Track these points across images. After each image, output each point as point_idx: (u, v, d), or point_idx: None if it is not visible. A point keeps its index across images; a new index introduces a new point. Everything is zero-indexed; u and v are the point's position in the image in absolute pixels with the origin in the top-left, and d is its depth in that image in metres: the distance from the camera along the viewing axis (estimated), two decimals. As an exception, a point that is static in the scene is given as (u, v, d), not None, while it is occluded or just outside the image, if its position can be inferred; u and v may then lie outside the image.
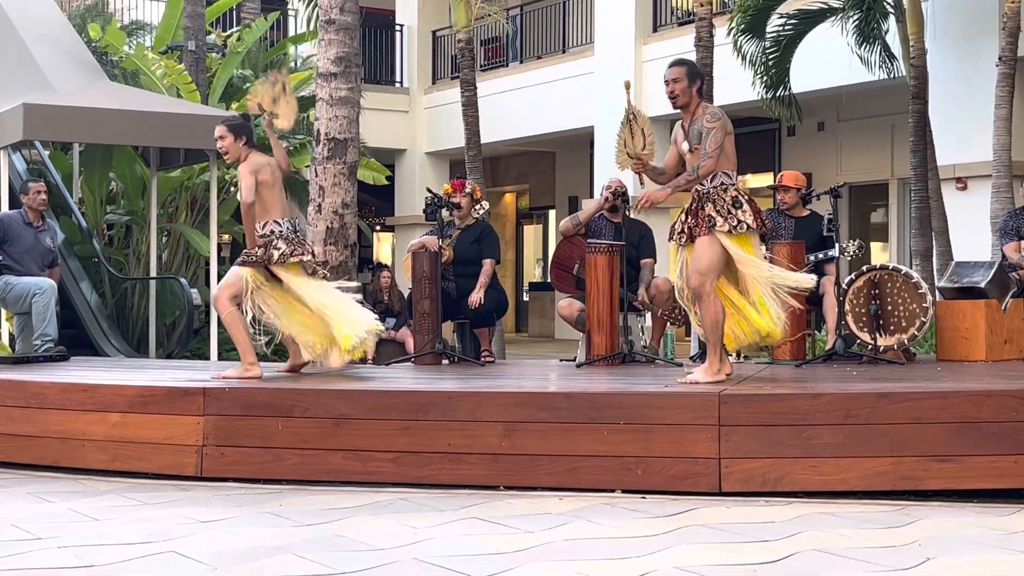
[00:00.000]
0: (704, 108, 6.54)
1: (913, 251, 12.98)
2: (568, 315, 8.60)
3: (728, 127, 6.48)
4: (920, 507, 5.41)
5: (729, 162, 6.50)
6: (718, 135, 6.40)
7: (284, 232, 7.24)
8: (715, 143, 6.39)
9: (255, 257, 7.19)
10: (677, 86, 6.55)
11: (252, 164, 7.15)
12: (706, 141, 6.41)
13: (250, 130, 7.32)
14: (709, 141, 6.40)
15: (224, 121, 7.43)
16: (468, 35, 14.74)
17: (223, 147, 7.26)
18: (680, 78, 6.55)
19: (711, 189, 6.44)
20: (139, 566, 4.33)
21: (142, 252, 13.83)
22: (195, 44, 15.63)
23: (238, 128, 7.26)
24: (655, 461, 5.82)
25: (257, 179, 7.12)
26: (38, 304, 9.05)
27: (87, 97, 12.11)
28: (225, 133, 7.24)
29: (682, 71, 6.57)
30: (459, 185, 8.85)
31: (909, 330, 7.77)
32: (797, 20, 13.60)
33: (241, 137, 7.22)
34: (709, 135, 6.41)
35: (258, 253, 7.18)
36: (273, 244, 7.18)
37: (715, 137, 6.39)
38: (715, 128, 6.41)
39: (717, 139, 6.39)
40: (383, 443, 6.18)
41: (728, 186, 6.46)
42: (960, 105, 13.89)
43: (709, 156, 6.39)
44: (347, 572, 4.22)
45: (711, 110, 6.52)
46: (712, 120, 6.44)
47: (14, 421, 6.91)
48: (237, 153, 7.22)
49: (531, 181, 24.72)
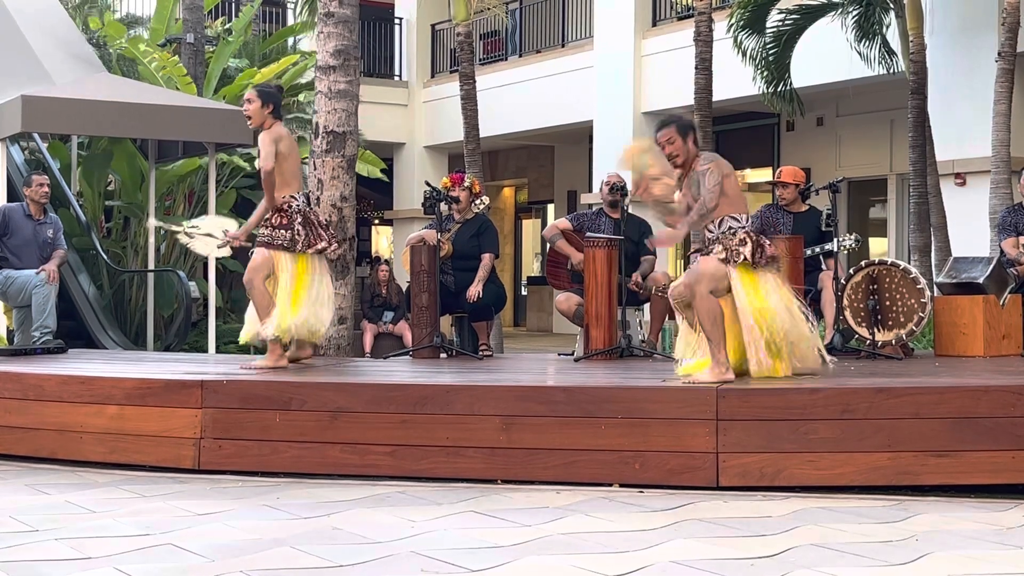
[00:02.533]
0: (698, 159, 6.44)
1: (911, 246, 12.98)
2: (566, 309, 8.60)
3: (725, 168, 6.37)
4: (917, 502, 5.41)
5: (732, 205, 6.39)
6: (714, 175, 6.28)
7: (302, 207, 7.30)
8: (713, 180, 6.28)
9: (283, 242, 7.22)
10: (672, 147, 6.42)
11: (274, 133, 7.23)
12: (703, 183, 6.31)
13: (279, 100, 7.41)
14: (708, 178, 6.29)
15: (256, 86, 7.57)
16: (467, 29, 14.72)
17: (249, 111, 7.32)
18: (673, 137, 6.42)
19: (719, 236, 6.38)
20: (136, 558, 4.33)
21: (140, 244, 13.82)
22: (193, 36, 15.61)
23: (267, 95, 7.34)
24: (653, 455, 5.82)
25: (277, 148, 7.18)
26: (38, 296, 9.05)
27: (85, 89, 12.09)
28: (254, 97, 7.32)
29: (672, 131, 6.44)
30: (458, 179, 8.85)
31: (907, 325, 7.78)
32: (797, 15, 13.59)
33: (268, 105, 7.30)
34: (705, 176, 6.30)
35: (286, 236, 7.21)
36: (295, 229, 7.21)
37: (712, 176, 6.28)
38: (709, 169, 6.30)
39: (715, 177, 6.28)
40: (381, 436, 6.18)
41: (736, 229, 6.36)
42: (959, 101, 13.89)
43: (711, 191, 6.27)
44: (344, 565, 4.22)
45: (704, 156, 6.43)
46: (705, 163, 6.35)
47: (12, 413, 6.91)
48: (261, 120, 7.29)
49: (530, 175, 24.71)
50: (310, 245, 7.25)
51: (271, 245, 7.25)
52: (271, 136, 7.20)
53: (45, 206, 9.60)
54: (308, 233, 7.26)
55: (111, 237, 14.23)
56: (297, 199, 7.31)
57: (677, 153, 6.44)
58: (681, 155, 6.44)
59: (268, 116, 7.28)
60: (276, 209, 7.26)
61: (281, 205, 7.26)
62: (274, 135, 7.22)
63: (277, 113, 7.34)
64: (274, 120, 7.30)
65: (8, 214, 9.41)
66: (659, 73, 18.13)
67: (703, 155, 6.46)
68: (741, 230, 6.36)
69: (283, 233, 7.22)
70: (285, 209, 7.25)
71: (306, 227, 7.26)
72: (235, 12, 21.01)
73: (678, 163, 6.46)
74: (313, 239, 7.27)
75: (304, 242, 7.23)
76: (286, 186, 7.28)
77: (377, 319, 13.35)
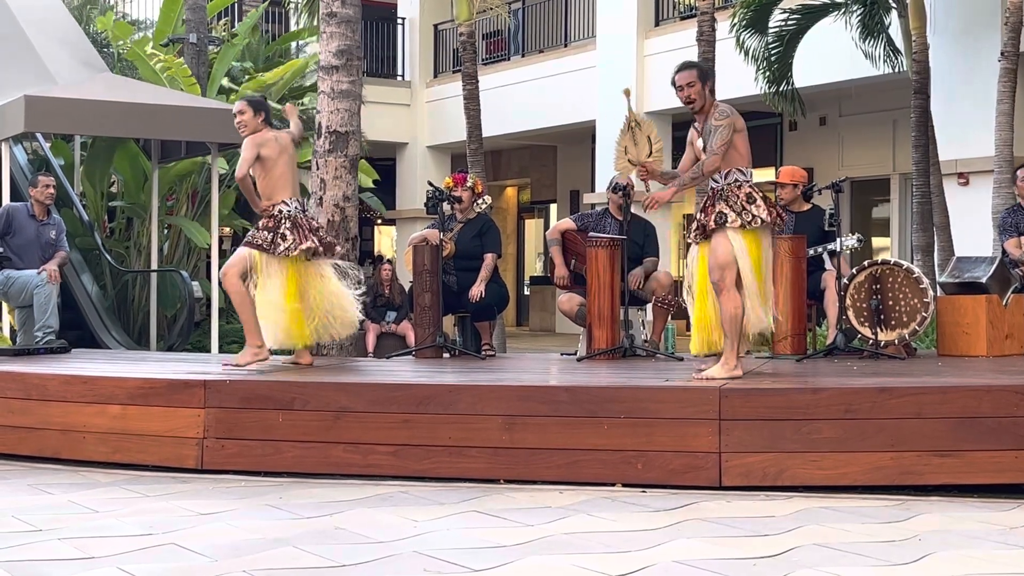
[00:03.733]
0: (715, 107, 6.49)
1: (914, 246, 12.98)
2: (568, 310, 8.60)
3: (738, 124, 6.43)
4: (920, 502, 5.41)
5: (743, 158, 6.45)
6: (725, 132, 6.36)
7: (292, 212, 7.28)
8: (721, 139, 6.35)
9: (261, 242, 7.21)
10: (692, 90, 6.48)
11: (258, 138, 7.26)
12: (712, 138, 6.38)
13: (268, 109, 7.47)
14: (715, 138, 6.36)
15: (245, 97, 7.62)
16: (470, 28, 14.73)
17: (242, 121, 7.35)
18: (693, 81, 6.47)
19: (725, 187, 6.41)
20: (139, 558, 4.33)
21: (143, 244, 13.83)
22: (196, 37, 15.62)
23: (258, 104, 7.42)
24: (655, 455, 5.82)
25: (260, 153, 7.22)
26: (39, 296, 9.05)
27: (88, 89, 12.11)
28: (245, 108, 7.37)
29: (693, 74, 6.50)
30: (460, 179, 8.84)
31: (910, 325, 7.77)
32: (800, 15, 13.59)
33: (260, 113, 7.36)
34: (716, 132, 6.37)
35: (266, 238, 7.21)
36: (280, 232, 7.20)
37: (721, 134, 6.36)
38: (722, 125, 6.37)
39: (724, 136, 6.35)
40: (383, 436, 6.18)
41: (742, 183, 6.41)
42: (962, 100, 13.88)
43: (714, 153, 6.35)
44: (347, 565, 4.22)
45: (720, 108, 6.46)
46: (720, 118, 6.40)
47: (15, 413, 6.91)
48: (255, 128, 7.33)
49: (532, 175, 24.71)
50: (296, 247, 7.22)
51: (250, 244, 7.26)
52: (254, 141, 7.23)
53: (49, 207, 9.60)
54: (295, 237, 7.23)
55: (114, 237, 14.24)
56: (288, 204, 7.30)
57: (695, 97, 6.48)
58: (699, 100, 6.49)
59: (261, 123, 7.34)
60: (268, 214, 7.28)
61: (272, 210, 7.27)
62: (257, 140, 7.24)
63: (268, 120, 7.40)
64: (265, 126, 7.35)
65: (12, 214, 9.41)
66: (662, 73, 18.03)
67: (720, 105, 6.49)
68: (747, 184, 6.41)
69: (264, 235, 7.22)
70: (275, 214, 7.28)
71: (293, 231, 7.23)
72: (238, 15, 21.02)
73: (695, 107, 6.52)
74: (300, 239, 7.24)
75: (289, 246, 7.19)
76: (276, 192, 7.29)
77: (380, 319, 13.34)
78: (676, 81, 6.56)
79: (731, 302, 6.28)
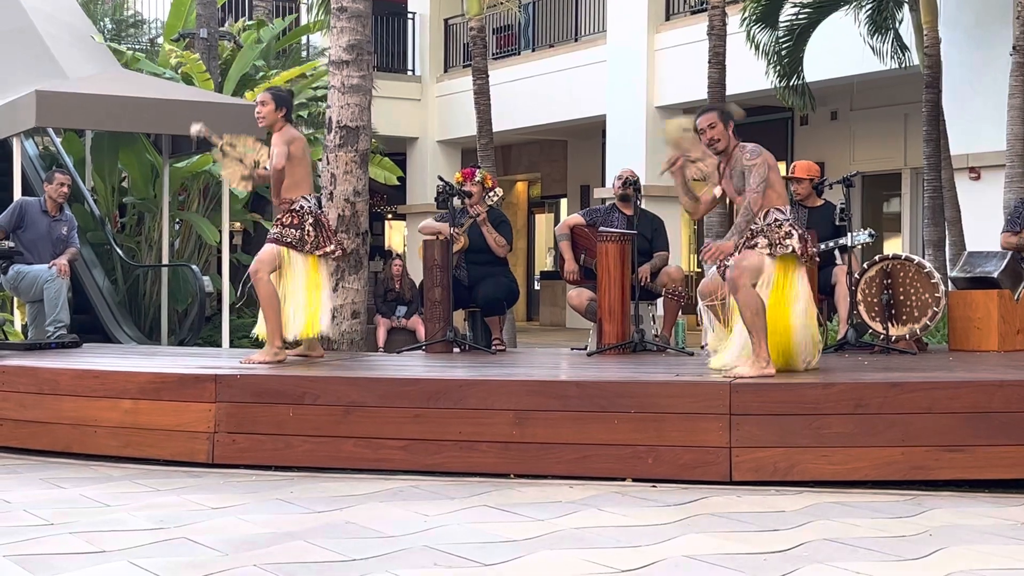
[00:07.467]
0: (741, 148, 6.45)
1: (926, 241, 12.95)
2: (578, 304, 8.60)
3: (770, 161, 6.40)
4: (931, 497, 5.40)
5: (780, 198, 6.41)
6: (761, 170, 6.32)
7: (313, 209, 7.39)
8: (759, 178, 6.31)
9: (292, 240, 7.29)
10: (714, 131, 6.43)
11: (287, 135, 7.34)
12: (750, 177, 6.33)
13: (291, 104, 7.55)
14: (754, 176, 6.31)
15: (270, 89, 7.71)
16: (480, 23, 14.72)
17: (262, 113, 7.42)
18: (715, 122, 6.43)
19: (764, 227, 6.37)
20: (151, 552, 4.34)
21: (154, 239, 13.86)
22: (207, 32, 15.63)
23: (281, 99, 7.47)
24: (666, 450, 5.82)
25: (289, 150, 7.27)
26: (50, 290, 9.08)
27: (99, 84, 12.12)
28: (268, 100, 7.44)
29: (715, 115, 6.46)
30: (470, 173, 8.85)
31: (921, 320, 7.75)
32: (811, 9, 13.55)
33: (282, 108, 7.42)
34: (753, 171, 6.33)
35: (295, 235, 7.29)
36: (305, 230, 7.28)
37: (759, 173, 6.31)
38: (757, 163, 6.32)
39: (762, 174, 6.31)
40: (394, 431, 6.18)
41: (782, 222, 6.37)
42: (974, 95, 13.83)
43: (755, 192, 6.30)
44: (358, 559, 4.23)
45: (749, 148, 6.42)
46: (753, 157, 6.35)
47: (27, 407, 6.93)
48: (273, 122, 7.40)
49: (543, 170, 24.71)
50: (318, 247, 7.31)
51: (280, 241, 7.31)
52: (284, 137, 7.31)
53: (62, 204, 9.62)
54: (318, 235, 7.34)
55: (125, 232, 14.27)
56: (309, 200, 7.40)
57: (719, 138, 6.44)
58: (723, 141, 6.45)
59: (280, 119, 7.39)
60: (288, 209, 7.32)
61: (293, 206, 7.32)
62: (287, 137, 7.33)
63: (288, 116, 7.47)
64: (285, 123, 7.41)
65: (25, 208, 9.44)
66: (672, 67, 18.10)
67: (747, 146, 6.45)
68: (787, 223, 6.37)
69: (293, 232, 7.30)
70: (296, 210, 7.33)
71: (316, 229, 7.34)
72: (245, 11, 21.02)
73: (719, 148, 6.47)
74: (322, 241, 7.34)
75: (313, 243, 7.30)
76: (297, 188, 7.38)
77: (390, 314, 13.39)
78: (698, 124, 6.50)
79: (749, 296, 6.20)
